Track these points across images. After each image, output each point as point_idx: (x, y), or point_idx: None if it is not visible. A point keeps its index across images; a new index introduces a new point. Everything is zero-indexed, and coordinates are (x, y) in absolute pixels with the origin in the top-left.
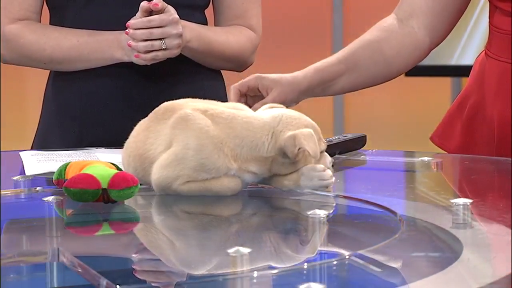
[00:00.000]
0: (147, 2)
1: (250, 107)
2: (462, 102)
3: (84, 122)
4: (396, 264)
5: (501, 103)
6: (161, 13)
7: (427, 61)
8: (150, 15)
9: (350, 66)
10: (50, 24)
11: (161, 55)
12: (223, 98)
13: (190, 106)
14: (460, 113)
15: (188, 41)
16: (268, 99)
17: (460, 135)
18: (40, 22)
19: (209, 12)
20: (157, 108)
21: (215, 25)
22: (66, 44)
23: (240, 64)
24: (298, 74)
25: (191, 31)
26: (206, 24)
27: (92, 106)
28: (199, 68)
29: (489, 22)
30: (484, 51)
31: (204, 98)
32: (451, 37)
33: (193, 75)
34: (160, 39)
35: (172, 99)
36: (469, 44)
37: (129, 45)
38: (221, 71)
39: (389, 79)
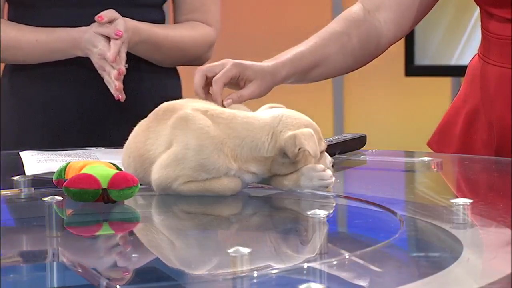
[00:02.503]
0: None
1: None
2: (458, 108)
3: (43, 120)
4: (396, 264)
5: (500, 108)
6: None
7: (427, 61)
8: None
9: (321, 59)
10: (8, 19)
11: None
12: (180, 95)
13: (190, 107)
14: (456, 118)
15: (136, 44)
16: (247, 92)
17: (458, 141)
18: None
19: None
20: (157, 109)
21: (174, 20)
22: (25, 44)
23: (194, 59)
24: (277, 64)
25: (139, 34)
26: (164, 21)
27: (52, 105)
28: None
29: (483, 28)
30: (477, 56)
31: (163, 95)
32: (451, 37)
33: (152, 72)
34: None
35: (134, 96)
36: (469, 44)
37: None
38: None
39: (350, 71)
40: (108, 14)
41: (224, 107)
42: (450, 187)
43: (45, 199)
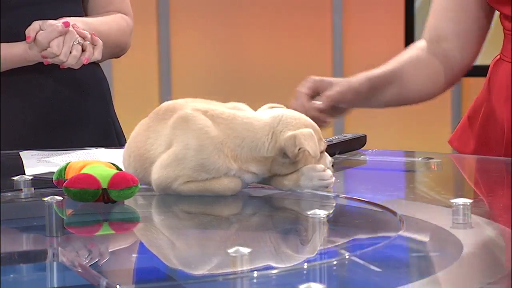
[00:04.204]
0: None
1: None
2: (478, 106)
3: None
4: (396, 264)
5: (509, 107)
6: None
7: None
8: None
9: (397, 77)
10: None
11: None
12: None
13: (190, 106)
14: (475, 117)
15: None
16: (327, 95)
17: (475, 140)
18: None
19: None
20: (157, 108)
21: (88, 15)
22: None
23: (122, 48)
24: (351, 78)
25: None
26: (83, 15)
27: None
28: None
29: (502, 24)
30: (499, 54)
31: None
32: None
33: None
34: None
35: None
36: None
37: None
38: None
39: (430, 98)
40: (32, 26)
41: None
42: (450, 186)
43: (45, 199)
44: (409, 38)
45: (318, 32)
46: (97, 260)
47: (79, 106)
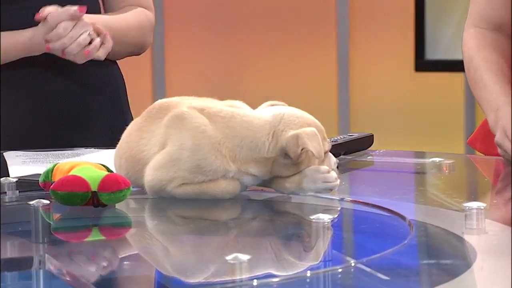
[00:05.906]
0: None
1: None
2: None
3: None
4: (405, 272)
5: None
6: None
7: (438, 55)
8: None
9: None
10: None
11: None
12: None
13: (185, 104)
14: None
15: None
16: None
17: None
18: None
19: None
20: (151, 106)
21: (105, 11)
22: None
23: (141, 46)
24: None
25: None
26: (100, 10)
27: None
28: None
29: None
30: None
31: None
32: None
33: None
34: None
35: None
36: None
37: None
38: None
39: None
40: (47, 8)
41: None
42: (462, 189)
43: (31, 202)
44: (419, 29)
45: (321, 38)
46: (86, 267)
47: (88, 104)
